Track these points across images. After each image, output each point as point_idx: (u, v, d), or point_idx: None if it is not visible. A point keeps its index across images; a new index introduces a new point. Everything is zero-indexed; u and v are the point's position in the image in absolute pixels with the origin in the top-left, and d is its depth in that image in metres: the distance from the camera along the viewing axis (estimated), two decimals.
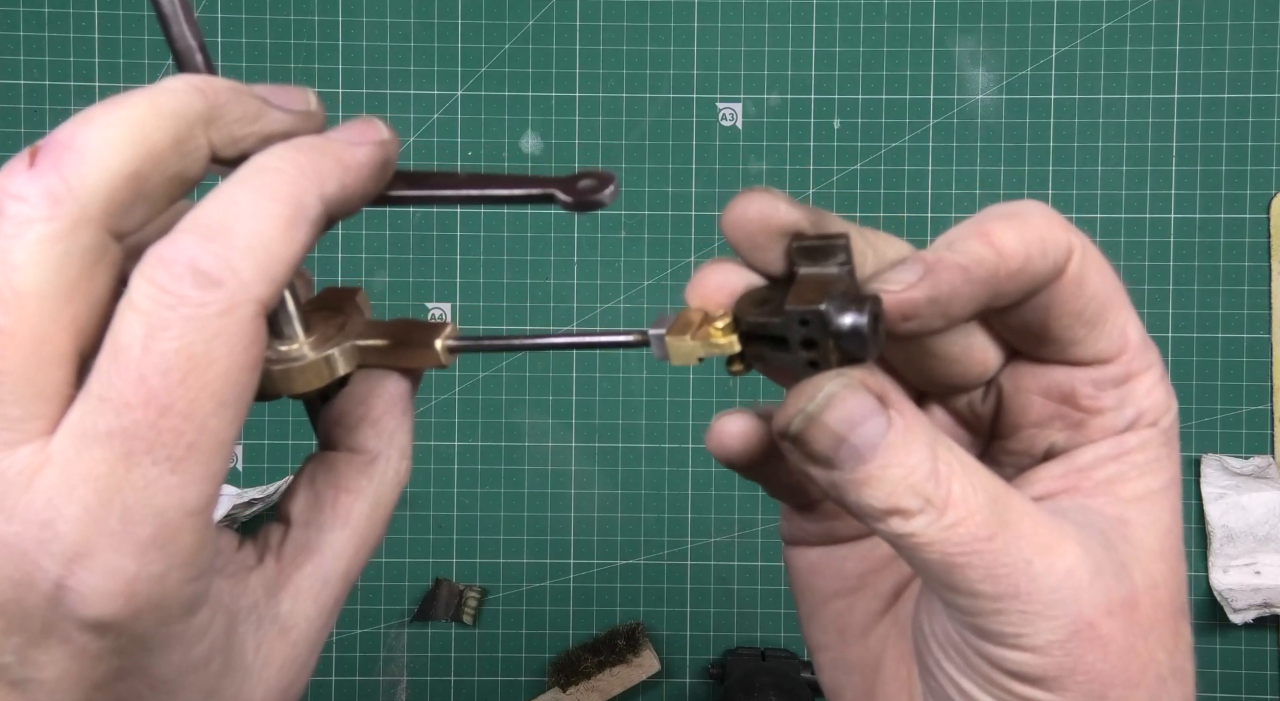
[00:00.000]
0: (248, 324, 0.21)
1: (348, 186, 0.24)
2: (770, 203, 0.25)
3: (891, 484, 0.24)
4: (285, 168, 0.23)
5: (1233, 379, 0.73)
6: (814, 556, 0.31)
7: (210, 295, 0.21)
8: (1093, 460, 0.27)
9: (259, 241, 0.22)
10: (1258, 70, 0.73)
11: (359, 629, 0.75)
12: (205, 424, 0.21)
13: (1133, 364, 0.26)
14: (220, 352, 0.21)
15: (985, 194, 0.74)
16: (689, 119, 0.74)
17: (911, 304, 0.24)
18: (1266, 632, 0.73)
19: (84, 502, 0.21)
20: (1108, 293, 0.26)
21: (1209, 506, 0.72)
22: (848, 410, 0.24)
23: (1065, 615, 0.24)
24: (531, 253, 0.75)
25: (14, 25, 0.74)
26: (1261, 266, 0.74)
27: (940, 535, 0.24)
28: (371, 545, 0.27)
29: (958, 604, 0.24)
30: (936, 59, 0.74)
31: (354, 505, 0.27)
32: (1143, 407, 0.27)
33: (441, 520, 0.75)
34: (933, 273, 0.24)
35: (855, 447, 0.24)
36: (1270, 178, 0.73)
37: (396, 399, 0.27)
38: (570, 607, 0.75)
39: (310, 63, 0.74)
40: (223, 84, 0.24)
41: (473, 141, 0.75)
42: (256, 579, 0.25)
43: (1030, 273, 0.25)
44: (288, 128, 0.25)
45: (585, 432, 0.75)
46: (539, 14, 0.74)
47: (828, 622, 0.30)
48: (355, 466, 0.27)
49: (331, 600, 0.26)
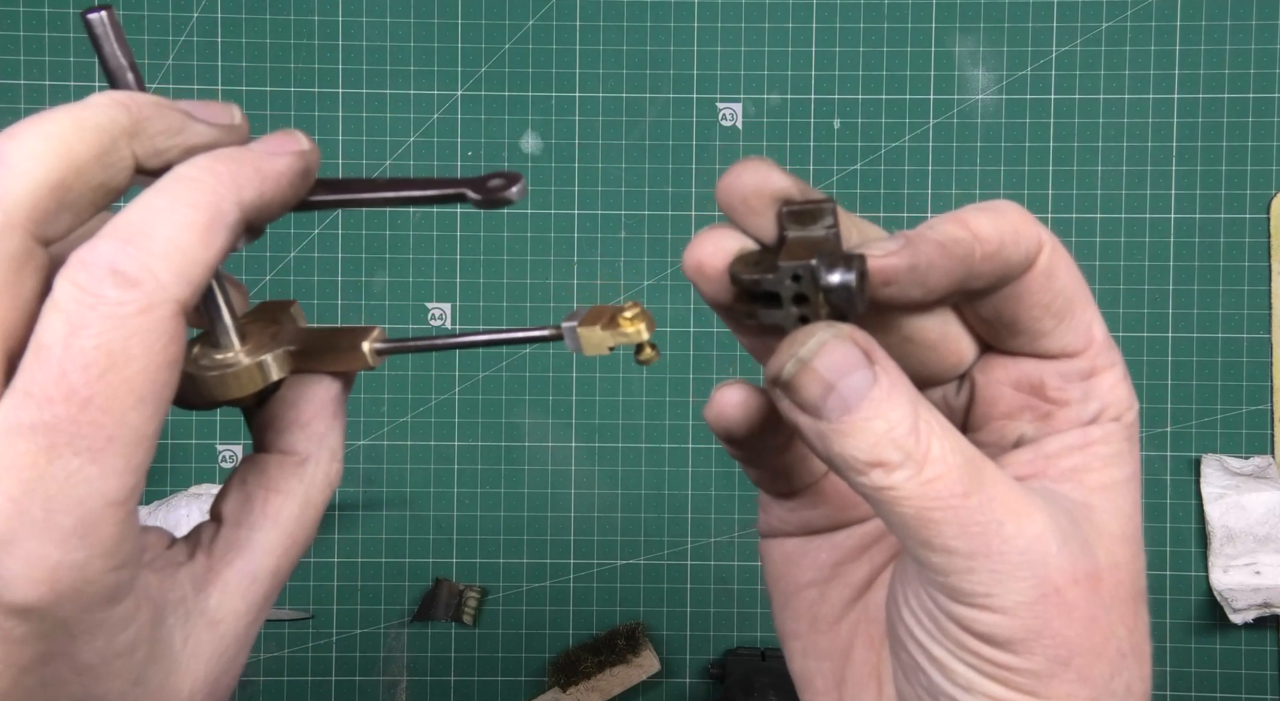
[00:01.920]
0: (165, 323, 0.23)
1: (266, 194, 0.25)
2: (764, 169, 0.27)
3: (875, 436, 0.25)
4: (203, 176, 0.24)
5: (1233, 379, 0.73)
6: (789, 547, 0.32)
7: (128, 295, 0.22)
8: (1059, 448, 0.28)
9: (176, 246, 0.23)
10: (1258, 70, 0.73)
11: (359, 629, 0.75)
12: (124, 418, 0.22)
13: (1098, 359, 0.28)
14: (138, 350, 0.22)
15: (985, 194, 0.74)
16: (689, 119, 0.74)
17: (893, 269, 0.25)
18: (1266, 632, 0.73)
19: (8, 493, 0.22)
20: (1075, 288, 0.28)
21: (1209, 506, 0.72)
22: (836, 359, 0.25)
23: (1034, 577, 0.25)
24: (531, 253, 0.75)
25: (14, 25, 0.74)
26: (1261, 266, 0.74)
27: (919, 489, 0.25)
28: (301, 544, 0.29)
29: (931, 562, 0.26)
30: (936, 59, 0.74)
31: (284, 505, 0.28)
32: (1107, 401, 0.28)
33: (441, 520, 0.75)
34: (912, 244, 0.26)
35: (842, 396, 0.25)
36: (1270, 178, 0.73)
37: (326, 403, 0.29)
38: (570, 607, 0.75)
39: (310, 63, 0.74)
40: (146, 99, 0.25)
41: (473, 141, 0.75)
42: (186, 574, 0.27)
43: (1004, 258, 0.26)
44: (210, 140, 0.26)
45: (585, 432, 0.75)
46: (539, 14, 0.74)
47: (800, 612, 0.32)
48: (286, 468, 0.28)
49: (260, 597, 0.28)
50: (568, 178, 0.75)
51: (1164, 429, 0.73)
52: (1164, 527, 0.74)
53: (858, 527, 0.32)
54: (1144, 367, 0.74)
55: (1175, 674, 0.73)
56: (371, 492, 0.75)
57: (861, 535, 0.32)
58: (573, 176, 0.75)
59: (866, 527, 0.32)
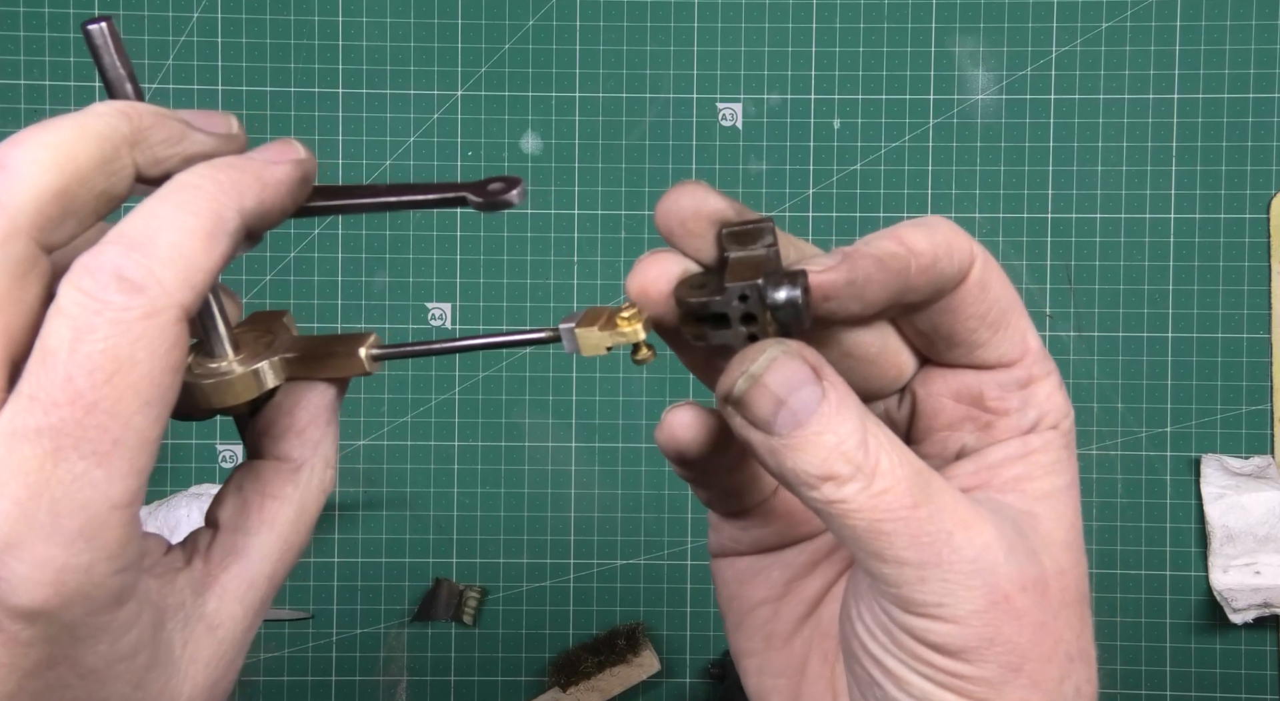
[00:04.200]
0: (169, 328, 0.23)
1: (265, 201, 0.26)
2: (700, 193, 0.27)
3: (826, 450, 0.25)
4: (205, 184, 0.25)
5: (1233, 379, 0.73)
6: (741, 566, 0.33)
7: (134, 300, 0.23)
8: (1001, 458, 0.29)
9: (180, 252, 0.23)
10: (1258, 70, 0.73)
11: (359, 629, 0.75)
12: (130, 421, 0.23)
13: (1033, 368, 0.29)
14: (143, 354, 0.23)
15: (985, 194, 0.74)
16: (689, 119, 0.74)
17: (832, 284, 0.26)
18: (1266, 632, 0.73)
19: (14, 496, 0.22)
20: (1008, 299, 0.29)
21: (1209, 506, 0.72)
22: (787, 374, 0.26)
23: (984, 585, 0.26)
24: (531, 253, 0.75)
25: (14, 25, 0.74)
26: (1261, 266, 0.74)
27: (869, 502, 0.25)
28: (297, 549, 0.29)
29: (883, 574, 0.26)
30: (936, 59, 0.74)
31: (279, 511, 0.28)
32: (1044, 410, 0.29)
33: (441, 520, 0.75)
34: (850, 259, 0.26)
35: (793, 411, 0.26)
36: (1270, 178, 0.73)
37: (321, 409, 0.29)
38: (570, 607, 0.75)
39: (310, 63, 0.74)
40: (147, 109, 0.26)
41: (473, 141, 0.75)
42: (184, 579, 0.27)
43: (938, 271, 0.27)
44: (209, 149, 0.27)
45: (585, 432, 0.75)
46: (539, 14, 0.74)
47: (754, 630, 0.32)
48: (281, 474, 0.29)
49: (257, 601, 0.28)
50: (568, 178, 0.75)
51: (1164, 429, 0.74)
52: (1164, 527, 0.74)
53: (808, 544, 0.32)
54: (1144, 368, 0.74)
55: (1175, 674, 0.73)
56: (371, 492, 0.75)
57: (812, 551, 0.32)
58: (573, 176, 0.75)
59: (817, 544, 0.32)
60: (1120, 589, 0.74)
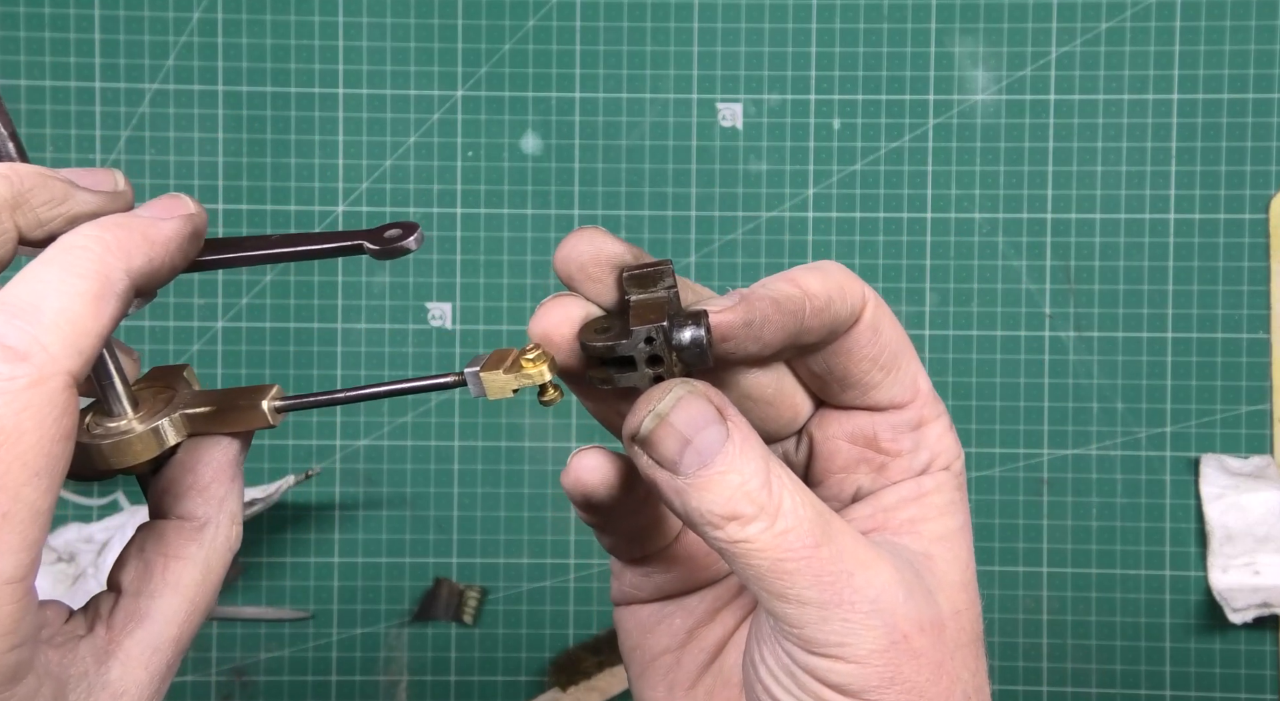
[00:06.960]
0: (57, 395, 0.22)
1: (155, 259, 0.25)
2: (599, 238, 0.28)
3: (730, 489, 0.26)
4: (91, 245, 0.24)
5: (1232, 379, 0.73)
6: (644, 614, 0.33)
7: (18, 369, 0.22)
8: (896, 501, 0.30)
9: (66, 317, 0.23)
10: (1258, 70, 0.73)
11: (359, 629, 0.75)
12: (19, 494, 0.22)
13: (924, 410, 0.30)
14: (30, 424, 0.22)
15: (985, 194, 0.74)
16: (689, 119, 0.74)
17: (729, 325, 0.27)
18: (1266, 632, 0.73)
19: None
20: (899, 342, 0.30)
21: (1208, 506, 0.72)
22: (693, 413, 0.26)
23: (884, 625, 0.26)
24: (531, 253, 0.75)
25: (14, 25, 0.74)
26: (1261, 266, 0.74)
27: (773, 541, 0.26)
28: (203, 610, 0.28)
29: (786, 614, 0.26)
30: (936, 59, 0.74)
31: (184, 571, 0.28)
32: (936, 451, 0.30)
33: (441, 520, 0.75)
34: (747, 300, 0.27)
35: (698, 451, 0.26)
36: (1270, 178, 0.73)
37: (225, 465, 0.28)
38: (570, 607, 0.75)
39: (310, 63, 0.74)
40: (28, 170, 0.25)
41: (473, 141, 0.75)
42: (86, 647, 0.26)
43: (832, 313, 0.28)
44: (95, 208, 0.26)
45: (585, 433, 0.75)
46: (539, 14, 0.74)
47: (658, 678, 0.33)
48: (185, 533, 0.28)
49: (162, 666, 0.27)
50: (568, 178, 0.75)
51: (1163, 429, 0.74)
52: (1164, 527, 0.74)
53: (709, 590, 0.33)
54: (1144, 368, 0.74)
55: (1175, 674, 0.73)
56: (371, 492, 0.75)
57: (714, 598, 0.33)
58: (573, 176, 0.75)
59: (718, 590, 0.33)
60: (1120, 589, 0.74)
